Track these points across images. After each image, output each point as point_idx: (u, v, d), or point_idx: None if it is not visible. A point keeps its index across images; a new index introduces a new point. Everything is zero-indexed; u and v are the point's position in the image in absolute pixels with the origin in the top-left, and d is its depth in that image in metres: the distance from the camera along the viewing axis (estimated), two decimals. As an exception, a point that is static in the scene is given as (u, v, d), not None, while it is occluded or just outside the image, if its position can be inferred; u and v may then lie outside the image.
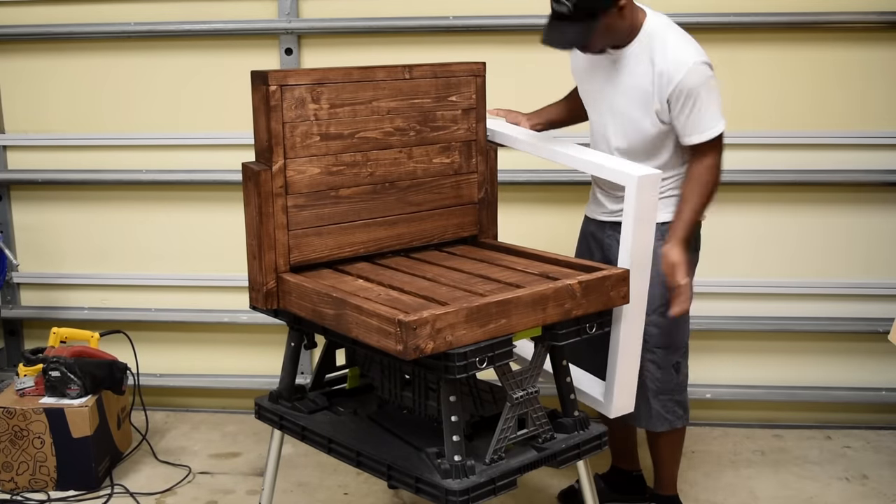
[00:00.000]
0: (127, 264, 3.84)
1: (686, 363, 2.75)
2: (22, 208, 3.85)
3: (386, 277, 2.35)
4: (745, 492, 3.09)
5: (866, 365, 3.59)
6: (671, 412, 2.72)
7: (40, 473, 3.14)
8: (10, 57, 3.73)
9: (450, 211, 2.62)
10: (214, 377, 3.85)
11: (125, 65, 3.68)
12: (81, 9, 3.64)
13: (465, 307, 2.03)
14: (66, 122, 3.76)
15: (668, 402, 2.71)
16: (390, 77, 2.45)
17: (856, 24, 3.36)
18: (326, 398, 2.58)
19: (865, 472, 3.23)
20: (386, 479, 2.24)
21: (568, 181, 3.50)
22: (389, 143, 2.47)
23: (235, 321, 3.76)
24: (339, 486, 3.18)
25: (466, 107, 2.60)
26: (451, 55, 2.77)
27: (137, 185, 3.76)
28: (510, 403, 2.17)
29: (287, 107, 2.29)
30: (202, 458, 3.44)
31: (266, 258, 2.31)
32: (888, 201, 3.48)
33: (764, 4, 3.36)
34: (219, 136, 3.66)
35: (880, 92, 3.40)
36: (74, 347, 3.28)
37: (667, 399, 2.70)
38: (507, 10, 3.48)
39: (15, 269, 3.76)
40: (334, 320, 2.17)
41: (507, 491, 2.15)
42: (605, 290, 2.28)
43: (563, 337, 2.23)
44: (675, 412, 2.73)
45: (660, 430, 2.73)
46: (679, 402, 2.73)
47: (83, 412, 3.11)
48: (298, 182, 2.33)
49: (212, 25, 3.57)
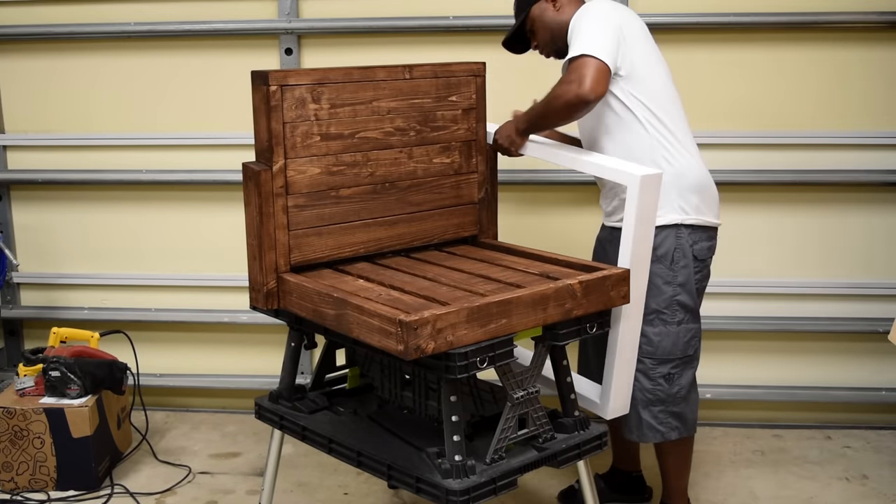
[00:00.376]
0: (127, 264, 3.84)
1: (686, 375, 2.62)
2: (22, 208, 3.85)
3: (386, 277, 2.35)
4: (745, 492, 3.09)
5: (866, 365, 3.59)
6: (664, 423, 2.60)
7: (40, 473, 3.14)
8: (10, 57, 3.73)
9: (450, 211, 2.62)
10: (214, 377, 3.85)
11: (125, 65, 3.68)
12: (81, 9, 3.64)
13: (465, 307, 2.03)
14: (66, 122, 3.76)
15: (661, 414, 2.60)
16: (390, 77, 2.45)
17: (856, 24, 3.36)
18: (326, 398, 2.58)
19: (865, 472, 3.23)
20: (386, 478, 2.24)
21: (568, 181, 3.50)
22: (390, 143, 2.47)
23: (235, 321, 3.76)
24: (339, 486, 3.18)
25: (466, 107, 2.60)
26: (451, 55, 2.77)
27: (137, 185, 3.76)
28: (511, 403, 2.17)
29: (287, 107, 2.29)
30: (202, 458, 3.44)
31: (266, 258, 2.31)
32: (888, 201, 3.48)
33: (764, 4, 3.36)
34: (219, 136, 3.65)
35: (880, 92, 3.40)
36: (74, 347, 3.28)
37: (659, 410, 2.59)
38: (507, 10, 3.44)
39: (15, 269, 3.76)
40: (335, 320, 2.17)
41: (508, 491, 2.15)
42: (606, 289, 2.28)
43: (563, 337, 2.23)
44: (669, 423, 2.61)
45: (650, 441, 2.64)
46: (675, 414, 2.61)
47: (83, 412, 3.11)
48: (299, 182, 2.33)
49: (212, 25, 3.57)
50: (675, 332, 2.58)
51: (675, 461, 2.73)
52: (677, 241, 2.55)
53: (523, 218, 3.45)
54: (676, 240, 2.55)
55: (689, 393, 2.64)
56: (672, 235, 2.55)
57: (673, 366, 2.59)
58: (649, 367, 2.58)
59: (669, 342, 2.58)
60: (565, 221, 3.56)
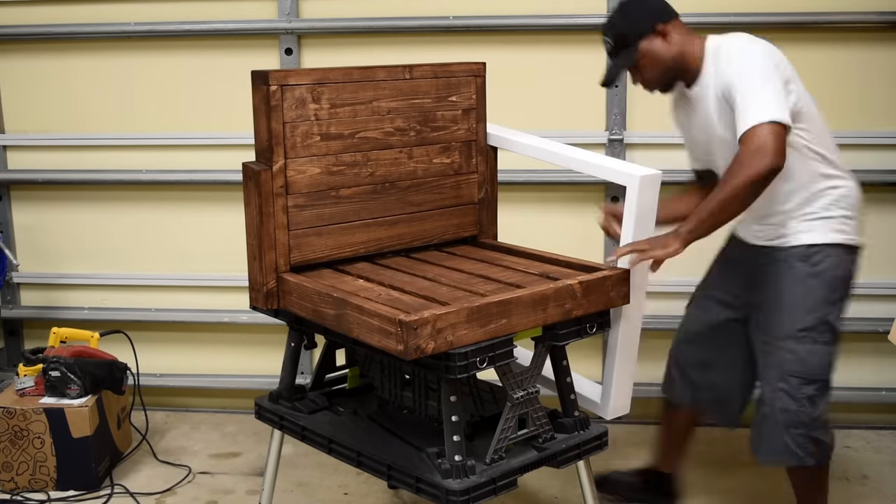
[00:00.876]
0: (127, 264, 3.84)
1: (825, 399, 2.53)
2: (22, 208, 3.85)
3: (386, 277, 2.35)
4: (745, 492, 3.09)
5: (866, 365, 3.58)
6: (802, 447, 2.50)
7: (40, 473, 3.13)
8: (10, 57, 3.73)
9: (450, 211, 2.62)
10: (214, 377, 3.85)
11: (125, 65, 3.68)
12: (81, 9, 3.64)
13: (465, 307, 2.03)
14: (65, 122, 3.76)
15: (800, 437, 2.50)
16: (390, 77, 2.45)
17: (856, 24, 3.36)
18: (326, 398, 2.58)
19: (865, 472, 3.23)
20: (386, 479, 2.24)
21: (568, 181, 3.50)
22: (390, 143, 2.47)
23: (235, 321, 3.76)
24: (339, 486, 3.18)
25: (466, 107, 2.60)
26: (451, 55, 2.76)
27: (137, 185, 3.76)
28: (511, 403, 2.17)
29: (287, 107, 2.29)
30: (202, 458, 3.44)
31: (266, 258, 2.31)
32: (888, 201, 3.48)
33: (764, 4, 3.36)
34: (219, 136, 3.66)
35: (880, 92, 3.40)
36: (74, 347, 3.28)
37: (799, 433, 2.50)
38: (507, 10, 3.48)
39: (15, 269, 3.76)
40: (335, 320, 2.17)
41: (508, 491, 2.15)
42: (606, 290, 2.28)
43: (563, 337, 2.23)
44: (807, 448, 2.51)
45: (786, 464, 2.55)
46: (814, 440, 2.51)
47: (83, 412, 3.11)
48: (299, 182, 2.33)
49: (212, 25, 3.57)
50: (823, 353, 2.50)
51: (806, 488, 2.65)
52: (840, 261, 2.51)
53: (523, 218, 3.44)
54: (840, 259, 2.51)
55: (827, 419, 2.56)
56: (836, 255, 2.50)
57: (817, 387, 2.51)
58: (795, 386, 2.49)
59: (818, 362, 2.50)
60: (565, 221, 3.56)
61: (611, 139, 3.47)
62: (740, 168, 2.26)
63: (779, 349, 2.52)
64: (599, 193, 3.55)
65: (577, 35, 3.45)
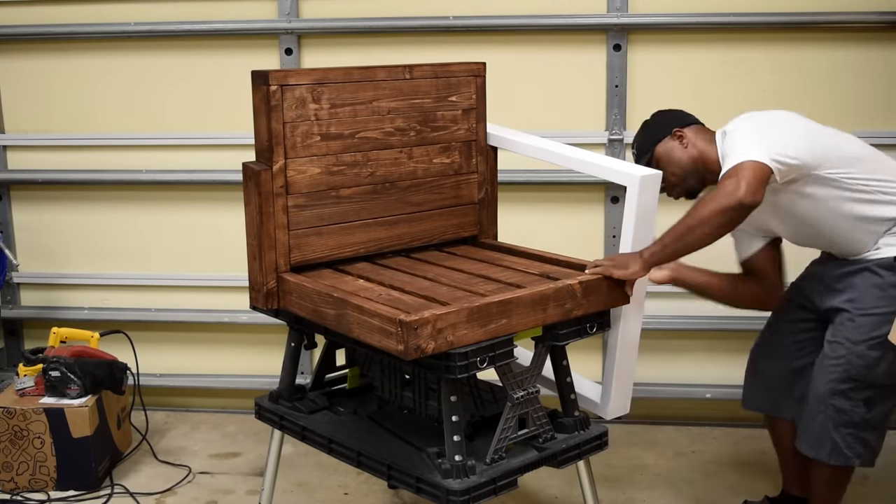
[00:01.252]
0: (127, 264, 3.84)
1: (886, 404, 2.53)
2: (22, 208, 3.85)
3: (386, 277, 2.35)
4: (745, 492, 3.09)
5: (866, 365, 3.58)
6: (850, 447, 2.51)
7: (40, 473, 3.13)
8: (10, 57, 3.73)
9: (450, 211, 2.62)
10: (214, 377, 3.85)
11: (125, 65, 3.68)
12: (81, 9, 3.64)
13: (466, 307, 2.03)
14: (66, 122, 3.76)
15: (849, 437, 2.51)
16: (390, 77, 2.45)
17: (856, 24, 3.36)
18: (326, 398, 2.58)
19: (865, 472, 3.22)
20: (386, 478, 2.24)
21: (568, 181, 3.50)
22: (390, 143, 2.47)
23: (235, 321, 3.76)
24: (339, 486, 3.18)
25: (466, 107, 2.60)
26: (451, 55, 2.76)
27: (137, 185, 3.76)
28: (511, 403, 2.17)
29: (287, 107, 2.29)
30: (202, 458, 3.44)
31: (266, 258, 2.31)
32: (888, 201, 3.48)
33: (764, 4, 3.36)
34: (219, 136, 3.66)
35: (879, 92, 3.40)
36: (74, 347, 3.28)
37: (848, 433, 2.50)
38: (507, 10, 3.48)
39: (15, 269, 3.76)
40: (335, 320, 2.17)
41: (508, 491, 2.16)
42: (606, 290, 2.28)
43: (563, 337, 2.23)
44: (855, 449, 2.51)
45: (832, 463, 2.53)
46: (862, 441, 2.52)
47: (83, 412, 3.11)
48: (299, 182, 2.33)
49: (212, 25, 3.57)
50: (891, 361, 2.49)
51: (831, 484, 2.63)
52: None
53: (523, 218, 3.44)
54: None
55: (881, 423, 2.56)
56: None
57: (876, 391, 2.51)
58: (855, 389, 2.50)
59: (885, 370, 2.49)
60: (565, 221, 3.56)
61: (611, 139, 3.47)
62: (712, 198, 2.27)
63: (849, 351, 2.49)
64: (599, 193, 3.55)
65: (577, 35, 3.45)
